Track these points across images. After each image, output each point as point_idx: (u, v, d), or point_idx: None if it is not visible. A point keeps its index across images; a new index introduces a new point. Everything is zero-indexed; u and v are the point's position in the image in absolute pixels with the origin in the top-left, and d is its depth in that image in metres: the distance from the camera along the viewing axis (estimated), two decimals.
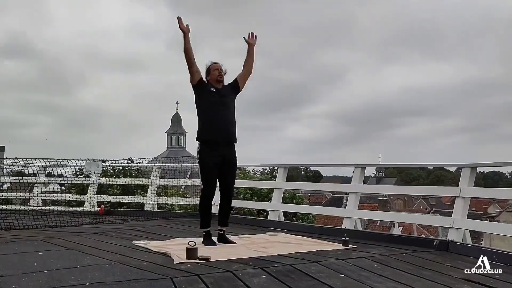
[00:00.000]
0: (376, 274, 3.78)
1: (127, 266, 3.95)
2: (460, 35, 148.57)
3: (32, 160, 9.06)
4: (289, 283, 3.42)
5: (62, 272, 3.74)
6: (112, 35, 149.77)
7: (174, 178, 9.92)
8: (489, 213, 46.99)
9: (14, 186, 9.95)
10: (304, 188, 16.03)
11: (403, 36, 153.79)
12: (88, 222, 7.61)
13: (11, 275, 3.61)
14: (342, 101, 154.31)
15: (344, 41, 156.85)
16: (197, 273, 3.63)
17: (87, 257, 4.43)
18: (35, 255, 4.53)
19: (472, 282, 3.56)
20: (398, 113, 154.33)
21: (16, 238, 5.73)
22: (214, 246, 4.94)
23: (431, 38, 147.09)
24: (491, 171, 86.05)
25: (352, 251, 4.80)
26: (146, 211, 9.20)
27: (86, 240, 5.59)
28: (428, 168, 78.20)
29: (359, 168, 6.94)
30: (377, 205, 42.99)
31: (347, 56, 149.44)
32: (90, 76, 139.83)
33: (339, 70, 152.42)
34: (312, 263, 4.12)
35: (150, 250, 4.79)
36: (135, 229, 6.69)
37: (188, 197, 10.59)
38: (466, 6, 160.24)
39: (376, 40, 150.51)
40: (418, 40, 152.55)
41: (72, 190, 11.77)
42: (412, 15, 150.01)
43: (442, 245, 5.00)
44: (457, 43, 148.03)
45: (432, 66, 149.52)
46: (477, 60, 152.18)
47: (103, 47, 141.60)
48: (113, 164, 10.85)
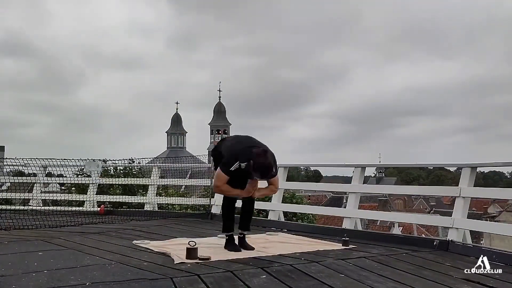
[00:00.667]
0: (376, 274, 3.78)
1: (127, 266, 3.95)
2: (465, 33, 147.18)
3: (32, 160, 9.06)
4: (289, 283, 3.42)
5: (62, 272, 3.74)
6: (112, 33, 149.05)
7: (174, 178, 9.92)
8: (489, 213, 47.01)
9: (14, 186, 9.93)
10: (304, 188, 16.05)
11: (407, 34, 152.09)
12: (88, 222, 7.60)
13: (11, 275, 3.62)
14: (344, 101, 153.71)
15: (347, 40, 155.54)
16: (197, 273, 3.63)
17: (87, 257, 4.43)
18: (35, 255, 4.53)
19: (472, 282, 3.56)
20: (400, 112, 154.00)
21: (16, 238, 5.73)
22: (239, 252, 4.66)
23: (436, 36, 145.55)
24: (491, 171, 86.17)
25: (352, 251, 4.81)
26: (146, 211, 9.19)
27: (86, 240, 5.59)
28: (428, 168, 78.27)
29: (359, 168, 6.93)
30: (377, 205, 43.00)
31: (349, 55, 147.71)
32: (89, 75, 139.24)
33: (341, 69, 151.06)
34: (312, 263, 4.12)
35: (150, 250, 4.79)
36: (135, 229, 6.69)
37: (188, 197, 10.59)
38: (472, 3, 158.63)
39: (380, 38, 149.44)
40: (423, 38, 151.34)
41: (72, 190, 11.76)
42: (417, 13, 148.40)
43: (442, 245, 5.00)
44: (462, 42, 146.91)
45: (437, 64, 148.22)
46: (482, 58, 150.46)
47: (102, 45, 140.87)
48: (115, 164, 10.85)
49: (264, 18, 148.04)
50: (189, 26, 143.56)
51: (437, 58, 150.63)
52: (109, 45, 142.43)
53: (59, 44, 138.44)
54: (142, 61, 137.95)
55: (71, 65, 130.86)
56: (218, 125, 67.16)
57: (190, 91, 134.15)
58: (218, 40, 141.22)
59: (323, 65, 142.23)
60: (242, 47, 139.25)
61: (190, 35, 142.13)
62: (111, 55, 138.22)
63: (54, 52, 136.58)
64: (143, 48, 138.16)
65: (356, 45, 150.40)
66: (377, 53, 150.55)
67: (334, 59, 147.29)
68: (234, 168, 4.52)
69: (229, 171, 4.55)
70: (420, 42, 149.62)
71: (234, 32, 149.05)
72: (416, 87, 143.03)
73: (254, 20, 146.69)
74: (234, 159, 4.53)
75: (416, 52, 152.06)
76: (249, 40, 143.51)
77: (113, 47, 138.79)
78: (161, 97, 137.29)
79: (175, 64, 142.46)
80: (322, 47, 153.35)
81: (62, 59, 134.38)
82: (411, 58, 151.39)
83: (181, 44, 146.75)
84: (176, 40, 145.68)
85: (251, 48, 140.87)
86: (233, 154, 4.59)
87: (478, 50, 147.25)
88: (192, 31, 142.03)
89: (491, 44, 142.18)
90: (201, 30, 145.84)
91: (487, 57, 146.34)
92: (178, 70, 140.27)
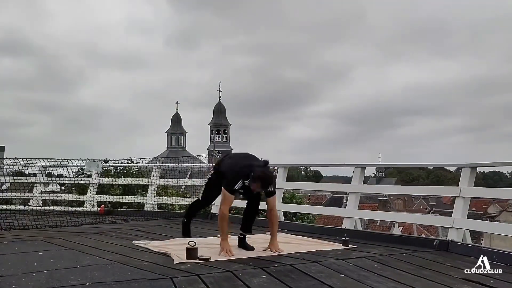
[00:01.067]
0: (376, 274, 3.78)
1: (127, 266, 3.95)
2: (468, 32, 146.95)
3: (32, 160, 9.06)
4: (289, 283, 3.42)
5: (62, 272, 3.74)
6: (110, 30, 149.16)
7: (174, 178, 9.92)
8: (489, 213, 46.99)
9: (14, 186, 9.93)
10: (304, 188, 16.05)
11: (410, 34, 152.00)
12: (88, 222, 7.61)
13: (11, 275, 3.62)
14: (345, 100, 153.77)
15: (349, 38, 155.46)
16: (197, 273, 3.63)
17: (87, 257, 4.43)
18: (35, 255, 4.53)
19: (472, 282, 3.56)
20: (402, 112, 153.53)
21: (16, 238, 5.73)
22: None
23: (439, 35, 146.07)
24: (491, 171, 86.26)
25: (352, 251, 4.81)
26: (146, 211, 9.20)
27: (86, 240, 5.59)
28: (428, 168, 78.24)
29: (359, 168, 6.93)
30: (377, 205, 42.99)
31: (351, 54, 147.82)
32: (88, 73, 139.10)
33: (343, 68, 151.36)
34: (312, 263, 4.12)
35: (150, 250, 4.79)
36: (135, 229, 6.69)
37: (188, 197, 10.59)
38: (476, 3, 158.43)
39: (383, 37, 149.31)
40: (426, 37, 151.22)
41: (73, 190, 11.77)
42: (420, 12, 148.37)
43: (442, 245, 5.01)
44: (465, 41, 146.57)
45: (439, 63, 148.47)
46: (485, 57, 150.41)
47: (101, 44, 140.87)
48: (115, 164, 10.85)
49: (265, 16, 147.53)
50: (189, 24, 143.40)
51: (441, 56, 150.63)
52: (108, 44, 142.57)
53: (58, 41, 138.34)
54: (141, 59, 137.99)
55: (70, 64, 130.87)
56: (218, 125, 67.11)
57: (190, 90, 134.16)
58: (218, 39, 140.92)
59: (325, 63, 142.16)
60: (242, 45, 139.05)
61: (189, 33, 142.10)
62: (110, 54, 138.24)
63: (52, 50, 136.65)
64: (142, 46, 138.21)
65: (358, 43, 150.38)
66: (379, 52, 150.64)
67: (336, 58, 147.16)
68: (239, 186, 4.59)
69: (233, 191, 4.62)
70: (425, 41, 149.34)
71: (234, 31, 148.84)
72: (419, 85, 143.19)
73: (255, 18, 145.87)
74: (238, 177, 4.59)
75: (421, 50, 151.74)
76: (249, 39, 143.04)
77: (111, 45, 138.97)
78: (161, 96, 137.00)
79: (174, 62, 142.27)
80: (323, 46, 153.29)
81: (61, 58, 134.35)
82: (415, 56, 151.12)
83: (181, 43, 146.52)
84: (175, 38, 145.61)
85: (251, 46, 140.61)
86: (235, 172, 4.64)
87: (482, 49, 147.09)
88: (192, 29, 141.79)
89: (494, 43, 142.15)
90: (200, 28, 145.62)
91: (490, 56, 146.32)
92: (177, 69, 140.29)
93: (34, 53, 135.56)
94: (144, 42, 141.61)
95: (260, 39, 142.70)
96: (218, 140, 65.46)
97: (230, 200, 4.67)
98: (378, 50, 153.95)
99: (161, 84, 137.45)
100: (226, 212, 4.61)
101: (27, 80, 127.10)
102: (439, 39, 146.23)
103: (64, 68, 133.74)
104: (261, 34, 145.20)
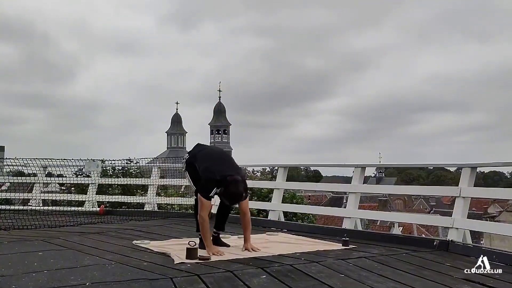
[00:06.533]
0: (376, 274, 3.78)
1: (127, 266, 3.95)
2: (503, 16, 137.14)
3: (32, 160, 9.06)
4: (289, 283, 3.42)
5: (62, 272, 3.74)
6: (102, 9, 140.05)
7: (174, 178, 9.91)
8: (489, 213, 46.94)
9: (14, 186, 9.94)
10: (304, 188, 16.03)
11: (441, 19, 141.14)
12: (88, 222, 7.61)
13: (11, 275, 3.61)
14: (361, 94, 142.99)
15: (373, 22, 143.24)
16: (197, 273, 3.63)
17: (87, 257, 4.43)
18: (35, 255, 4.53)
19: (472, 282, 3.56)
20: (419, 107, 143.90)
21: (16, 238, 5.73)
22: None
23: (470, 21, 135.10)
24: (491, 171, 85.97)
25: (352, 251, 4.80)
26: (146, 211, 9.20)
27: (86, 240, 5.59)
28: (428, 168, 78.22)
29: (359, 168, 6.93)
30: (377, 205, 42.97)
31: (375, 40, 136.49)
32: (85, 66, 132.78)
33: (364, 57, 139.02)
34: (312, 263, 4.12)
35: (150, 250, 4.79)
36: (135, 229, 6.70)
37: (188, 197, 10.58)
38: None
39: (415, 20, 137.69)
40: (457, 23, 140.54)
41: (72, 190, 11.77)
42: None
43: (442, 245, 5.01)
44: (499, 26, 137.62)
45: (472, 47, 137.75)
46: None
47: (92, 24, 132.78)
48: (113, 164, 10.84)
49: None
50: (188, 3, 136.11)
51: (478, 41, 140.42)
52: (99, 24, 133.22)
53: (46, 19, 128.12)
54: (138, 45, 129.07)
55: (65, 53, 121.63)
56: (218, 125, 67.20)
57: (190, 89, 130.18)
58: (220, 19, 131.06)
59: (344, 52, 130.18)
60: (251, 26, 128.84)
61: (189, 13, 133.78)
62: (103, 35, 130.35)
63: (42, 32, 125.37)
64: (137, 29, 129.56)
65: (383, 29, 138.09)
66: (408, 37, 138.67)
67: (359, 44, 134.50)
68: (213, 193, 4.66)
69: (209, 197, 4.68)
70: (458, 24, 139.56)
71: (239, 10, 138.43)
72: (442, 76, 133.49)
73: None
74: (212, 185, 4.62)
75: (453, 36, 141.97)
76: (260, 19, 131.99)
77: (104, 25, 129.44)
78: (160, 91, 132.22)
79: (176, 49, 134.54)
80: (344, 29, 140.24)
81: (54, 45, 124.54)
82: (445, 43, 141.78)
83: (179, 24, 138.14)
84: (173, 19, 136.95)
85: (262, 27, 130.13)
86: (209, 179, 4.66)
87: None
88: (193, 8, 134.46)
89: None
90: (201, 8, 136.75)
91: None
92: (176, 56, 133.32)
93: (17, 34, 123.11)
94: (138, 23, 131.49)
95: (273, 19, 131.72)
96: (218, 140, 65.56)
97: (208, 205, 4.73)
98: (408, 35, 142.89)
99: (160, 76, 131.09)
100: (206, 218, 4.66)
101: (14, 70, 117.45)
102: (468, 25, 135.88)
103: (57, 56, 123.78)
104: (274, 13, 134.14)
